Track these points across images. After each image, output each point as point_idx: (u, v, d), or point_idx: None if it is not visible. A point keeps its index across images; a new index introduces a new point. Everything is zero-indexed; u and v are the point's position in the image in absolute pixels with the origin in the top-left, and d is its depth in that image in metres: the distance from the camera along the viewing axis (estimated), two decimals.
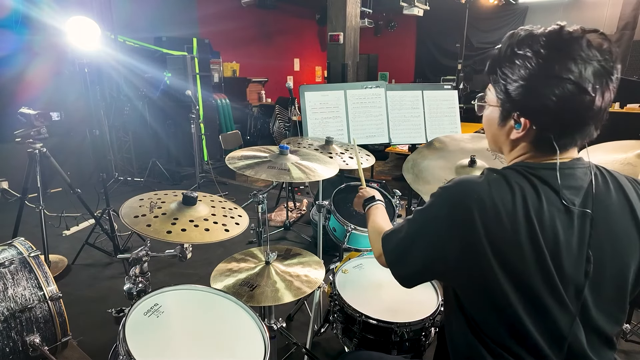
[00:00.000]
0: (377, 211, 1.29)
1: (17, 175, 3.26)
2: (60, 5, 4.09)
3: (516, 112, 0.81)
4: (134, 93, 4.88)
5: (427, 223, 0.86)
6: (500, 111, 0.85)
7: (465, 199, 0.80)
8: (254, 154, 1.56)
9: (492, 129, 0.91)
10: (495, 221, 0.77)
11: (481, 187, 0.80)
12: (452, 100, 2.95)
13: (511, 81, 0.79)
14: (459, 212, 0.79)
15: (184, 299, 1.23)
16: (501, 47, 0.82)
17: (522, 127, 0.81)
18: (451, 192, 0.83)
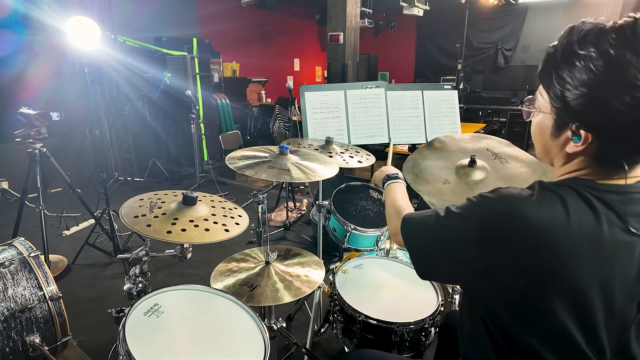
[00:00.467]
0: (397, 188, 1.22)
1: (17, 175, 3.27)
2: (60, 5, 4.09)
3: (575, 124, 0.69)
4: (134, 93, 4.88)
5: (454, 232, 0.76)
6: (554, 120, 0.73)
7: (505, 219, 0.69)
8: (254, 154, 1.56)
9: (543, 139, 0.78)
10: (539, 248, 0.67)
11: (530, 206, 0.68)
12: (452, 100, 2.94)
13: (570, 87, 0.66)
14: (494, 232, 0.70)
15: (184, 299, 1.23)
16: (558, 44, 0.69)
17: (582, 141, 0.69)
18: (490, 207, 0.72)
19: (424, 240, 0.84)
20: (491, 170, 1.58)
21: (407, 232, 0.88)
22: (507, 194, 0.73)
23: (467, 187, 1.50)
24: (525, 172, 1.58)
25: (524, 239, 0.68)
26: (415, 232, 0.87)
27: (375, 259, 1.75)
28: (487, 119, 7.72)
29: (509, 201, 0.71)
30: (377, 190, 2.17)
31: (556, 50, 0.69)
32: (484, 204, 0.74)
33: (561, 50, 0.68)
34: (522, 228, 0.67)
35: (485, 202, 0.74)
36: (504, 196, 0.72)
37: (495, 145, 1.72)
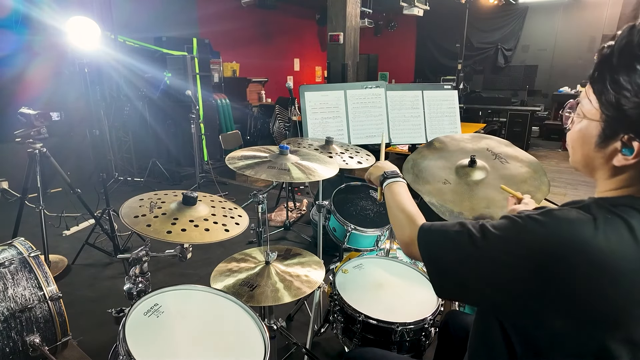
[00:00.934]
0: (401, 189, 1.07)
1: (17, 175, 3.27)
2: (60, 5, 4.09)
3: (628, 134, 0.62)
4: (134, 93, 4.88)
5: (496, 259, 0.67)
6: (602, 128, 0.66)
7: (566, 250, 0.61)
8: (254, 154, 1.56)
9: (585, 149, 0.71)
10: (604, 283, 0.60)
11: (596, 235, 0.61)
12: (452, 100, 2.94)
13: (628, 94, 0.60)
14: (551, 264, 0.62)
15: (184, 299, 1.23)
16: (615, 45, 0.62)
17: (635, 154, 0.62)
18: (546, 234, 0.63)
19: (452, 261, 0.73)
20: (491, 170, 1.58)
21: (428, 245, 0.80)
22: (566, 218, 0.63)
23: (467, 187, 1.50)
24: (525, 172, 1.58)
25: (588, 273, 0.60)
26: (441, 248, 0.77)
27: (375, 259, 1.75)
28: (487, 119, 7.72)
29: (570, 228, 0.62)
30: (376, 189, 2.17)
31: (613, 52, 0.62)
32: (537, 229, 0.64)
33: (619, 52, 0.61)
34: (588, 260, 0.60)
35: (538, 227, 0.64)
36: (562, 221, 0.63)
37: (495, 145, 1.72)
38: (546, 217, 0.65)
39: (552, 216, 0.65)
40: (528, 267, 0.63)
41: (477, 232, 0.70)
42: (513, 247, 0.65)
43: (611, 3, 7.73)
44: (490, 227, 0.70)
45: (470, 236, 0.70)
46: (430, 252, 0.79)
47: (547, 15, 8.59)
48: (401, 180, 1.12)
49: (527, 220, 0.66)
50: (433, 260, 0.78)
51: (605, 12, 7.86)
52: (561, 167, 6.28)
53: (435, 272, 0.77)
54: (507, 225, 0.68)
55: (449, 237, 0.75)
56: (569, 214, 0.64)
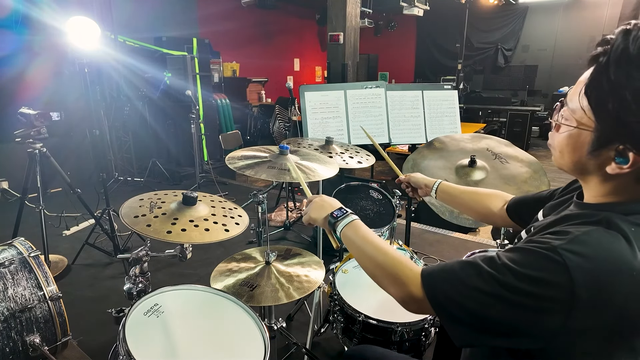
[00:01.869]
0: (365, 230, 0.89)
1: (17, 175, 3.26)
2: (60, 5, 4.09)
3: (624, 145, 0.61)
4: (134, 93, 4.88)
5: (529, 301, 0.61)
6: (595, 137, 0.64)
7: (611, 280, 0.58)
8: (254, 154, 1.56)
9: (576, 155, 0.69)
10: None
11: (633, 255, 0.59)
12: (452, 100, 2.95)
13: (628, 105, 0.57)
14: (603, 298, 0.58)
15: (184, 299, 1.23)
16: (611, 51, 0.59)
17: (630, 164, 0.61)
18: (592, 269, 0.58)
19: (479, 310, 0.64)
20: (491, 170, 1.59)
21: (439, 296, 0.69)
22: (598, 244, 0.60)
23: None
24: (525, 172, 1.58)
25: (629, 296, 0.58)
26: (462, 297, 0.66)
27: None
28: (487, 119, 7.73)
29: (608, 257, 0.59)
30: (377, 190, 2.16)
31: (609, 60, 0.59)
32: (576, 265, 0.58)
33: (616, 59, 0.58)
34: (634, 282, 0.58)
35: (580, 261, 0.59)
36: (597, 252, 0.59)
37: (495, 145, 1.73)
38: (582, 247, 0.60)
39: (586, 244, 0.60)
40: (567, 305, 0.59)
41: (500, 275, 0.63)
42: (548, 287, 0.60)
43: (611, 3, 7.73)
44: (519, 268, 0.62)
45: (494, 278, 0.63)
46: (445, 303, 0.69)
47: (547, 15, 8.60)
48: (356, 219, 0.91)
49: (566, 256, 0.59)
50: (452, 312, 0.68)
51: (605, 12, 7.86)
52: None
53: (456, 325, 0.68)
54: (538, 261, 0.61)
55: (470, 282, 0.66)
56: (603, 239, 0.61)
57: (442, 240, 3.31)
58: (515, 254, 0.64)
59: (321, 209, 0.96)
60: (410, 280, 0.73)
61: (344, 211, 0.93)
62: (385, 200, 2.13)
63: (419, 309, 0.74)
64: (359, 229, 0.88)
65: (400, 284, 0.75)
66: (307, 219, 1.00)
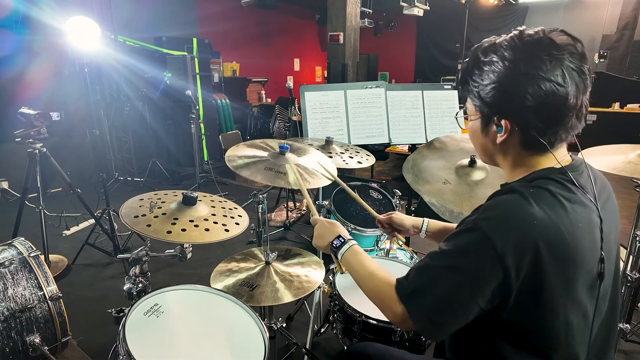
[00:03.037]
0: (360, 256, 1.01)
1: (17, 175, 3.26)
2: (60, 5, 4.09)
3: (495, 116, 0.82)
4: (134, 93, 4.88)
5: (478, 271, 0.75)
6: (480, 119, 0.86)
7: (526, 233, 0.73)
8: (254, 153, 1.56)
9: (478, 140, 0.91)
10: (559, 245, 0.74)
11: (536, 211, 0.74)
12: (452, 100, 2.95)
13: (483, 87, 0.81)
14: (524, 253, 0.72)
15: (184, 299, 1.23)
16: (468, 60, 0.85)
17: (504, 130, 0.81)
18: (504, 229, 0.74)
19: (441, 296, 0.79)
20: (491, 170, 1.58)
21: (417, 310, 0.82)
22: (505, 207, 0.77)
23: (467, 187, 1.50)
24: None
25: (545, 247, 0.73)
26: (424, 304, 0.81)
27: (375, 259, 1.74)
28: None
29: (515, 214, 0.75)
30: (377, 190, 2.16)
31: (467, 64, 0.84)
32: (491, 229, 0.74)
33: (471, 62, 0.83)
34: (541, 236, 0.72)
35: (495, 228, 0.75)
36: (506, 214, 0.76)
37: None
38: (489, 214, 0.77)
39: (496, 212, 0.77)
40: (505, 264, 0.73)
41: (439, 260, 0.80)
42: (481, 257, 0.74)
43: (611, 3, 7.73)
44: (450, 248, 0.79)
45: (439, 267, 0.80)
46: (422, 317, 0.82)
47: (547, 15, 8.59)
48: (353, 243, 1.04)
49: (477, 224, 0.76)
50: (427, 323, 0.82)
51: (605, 12, 7.86)
52: None
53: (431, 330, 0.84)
54: (463, 237, 0.78)
55: (422, 287, 0.82)
56: (508, 202, 0.77)
57: None
58: (449, 239, 0.81)
59: (323, 238, 1.09)
60: (393, 304, 0.87)
61: (342, 240, 1.05)
62: (385, 200, 2.13)
63: (408, 329, 0.94)
64: (355, 256, 1.01)
65: (387, 306, 0.91)
66: (315, 242, 1.12)
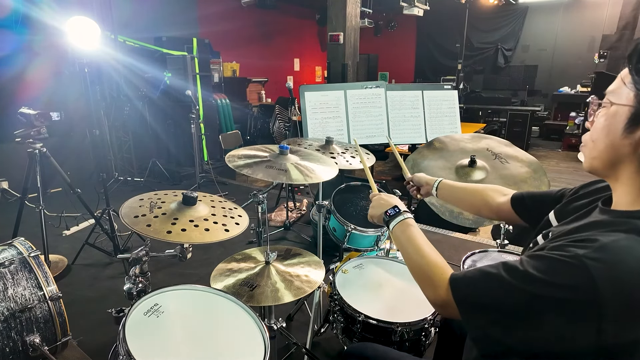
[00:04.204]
0: (413, 230, 0.93)
1: (17, 175, 3.26)
2: (60, 5, 4.09)
3: None
4: (134, 93, 4.88)
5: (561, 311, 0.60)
6: (633, 111, 0.63)
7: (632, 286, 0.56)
8: (254, 153, 1.56)
9: (611, 138, 0.67)
10: None
11: None
12: (452, 100, 2.95)
13: None
14: (632, 307, 0.57)
15: (184, 299, 1.23)
16: None
17: None
18: (613, 278, 0.57)
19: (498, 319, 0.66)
20: (491, 170, 1.59)
21: (464, 303, 0.72)
22: (634, 257, 0.58)
23: None
24: (525, 172, 1.58)
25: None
26: (487, 301, 0.69)
27: (375, 259, 1.75)
28: (487, 119, 7.73)
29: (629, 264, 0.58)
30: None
31: None
32: (601, 273, 0.58)
33: None
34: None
35: (601, 270, 0.58)
36: (630, 260, 0.58)
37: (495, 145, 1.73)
38: (609, 255, 0.59)
39: (615, 253, 0.59)
40: (601, 315, 0.58)
41: (524, 283, 0.63)
42: (581, 296, 0.59)
43: (611, 3, 7.73)
44: (542, 276, 0.62)
45: (517, 289, 0.64)
46: (472, 312, 0.71)
47: (547, 15, 8.59)
48: (408, 218, 0.98)
49: (589, 263, 0.58)
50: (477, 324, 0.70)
51: (605, 12, 7.86)
52: (561, 167, 6.29)
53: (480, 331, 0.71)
54: (568, 271, 0.60)
55: (491, 295, 0.68)
56: (632, 247, 0.59)
57: (442, 240, 3.30)
58: (538, 262, 0.64)
59: (379, 206, 1.05)
60: (442, 285, 0.77)
61: (397, 210, 1.00)
62: None
63: (447, 312, 0.77)
64: (407, 229, 0.94)
65: (434, 286, 0.79)
66: (369, 215, 1.11)
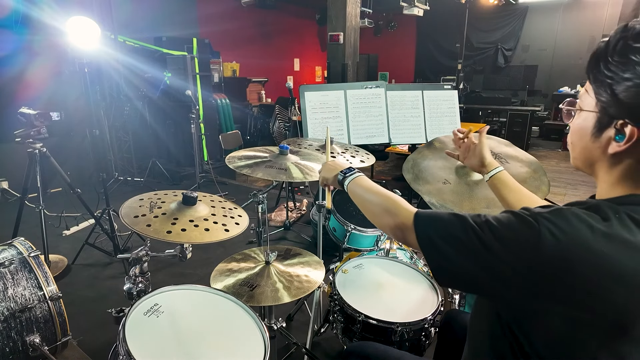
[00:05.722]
0: (368, 181, 1.03)
1: (17, 175, 3.27)
2: (60, 5, 4.09)
3: (621, 120, 0.66)
4: (134, 93, 4.88)
5: (507, 262, 0.66)
6: (597, 118, 0.70)
7: (576, 254, 0.62)
8: (255, 154, 1.56)
9: (583, 142, 0.74)
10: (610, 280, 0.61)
11: (603, 238, 0.62)
12: (452, 100, 2.94)
13: (619, 79, 0.64)
14: (561, 268, 0.62)
15: (184, 299, 1.23)
16: (610, 40, 0.68)
17: (626, 139, 0.66)
18: (566, 242, 0.63)
19: (457, 255, 0.71)
20: None
21: (429, 234, 0.77)
22: (582, 222, 0.64)
23: (467, 187, 1.50)
24: (525, 172, 1.58)
25: (593, 274, 0.62)
26: (444, 240, 0.73)
27: (375, 259, 1.75)
28: (487, 119, 7.72)
29: (586, 233, 0.63)
30: None
31: (608, 44, 0.67)
32: (555, 235, 0.63)
33: (614, 43, 0.66)
34: (595, 264, 0.62)
35: (557, 232, 0.63)
36: (578, 226, 0.63)
37: (495, 145, 1.72)
38: (561, 221, 0.64)
39: (567, 220, 0.64)
40: (538, 271, 0.64)
41: (483, 231, 0.69)
42: (528, 254, 0.64)
43: (611, 3, 7.73)
44: (499, 227, 0.68)
45: (476, 234, 0.69)
46: (431, 241, 0.75)
47: (547, 15, 8.59)
48: (361, 175, 1.07)
49: (543, 223, 0.64)
50: (435, 250, 0.75)
51: (605, 12, 7.86)
52: (561, 167, 6.29)
53: (437, 262, 0.75)
54: (521, 228, 0.66)
55: (452, 231, 0.73)
56: (582, 217, 0.64)
57: None
58: (503, 215, 0.70)
59: (334, 169, 1.13)
60: (403, 212, 0.84)
61: (352, 169, 1.08)
62: None
63: (405, 239, 0.83)
64: (363, 181, 1.03)
65: (394, 214, 0.86)
66: (321, 181, 1.18)
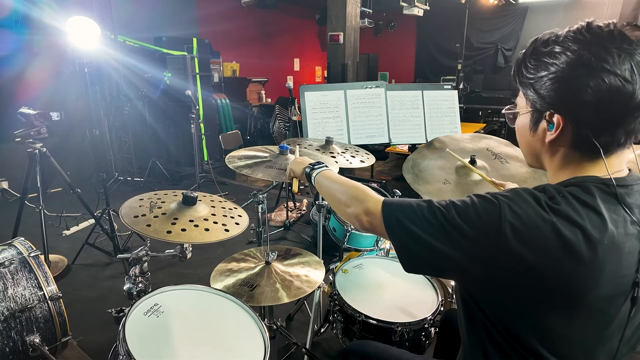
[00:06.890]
0: (333, 173, 1.07)
1: (17, 175, 3.26)
2: (60, 5, 4.09)
3: (548, 111, 0.75)
4: (134, 93, 4.88)
5: (473, 239, 0.72)
6: (531, 114, 0.80)
7: (533, 226, 0.69)
8: (255, 154, 1.56)
9: (525, 138, 0.84)
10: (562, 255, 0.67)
11: (550, 216, 0.69)
12: (452, 100, 2.95)
13: (538, 79, 0.74)
14: (525, 241, 0.69)
15: (184, 299, 1.23)
16: (526, 50, 0.78)
17: (555, 127, 0.75)
18: (515, 213, 0.70)
19: (424, 237, 0.75)
20: (491, 170, 1.59)
21: (396, 219, 0.80)
22: (523, 201, 0.71)
23: (467, 187, 1.50)
24: (525, 172, 1.58)
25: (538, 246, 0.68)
26: (411, 222, 0.77)
27: (375, 259, 1.75)
28: (487, 119, 7.71)
29: (534, 207, 0.70)
30: (377, 190, 2.16)
31: (525, 53, 0.78)
32: (506, 207, 0.71)
33: (529, 52, 0.77)
34: (543, 235, 0.68)
35: (507, 205, 0.71)
36: (528, 203, 0.71)
37: (495, 145, 1.73)
38: (517, 197, 0.72)
39: (522, 197, 0.72)
40: (500, 244, 0.69)
41: (449, 211, 0.75)
42: (491, 229, 0.71)
43: (611, 3, 7.73)
44: (463, 207, 0.74)
45: (442, 213, 0.75)
46: (398, 221, 0.79)
47: (547, 15, 8.58)
48: (328, 168, 1.10)
49: (502, 200, 0.72)
50: (402, 230, 0.78)
51: (605, 12, 7.86)
52: None
53: (403, 242, 0.79)
54: (484, 205, 0.73)
55: (419, 211, 0.77)
56: (534, 194, 0.73)
57: None
58: (467, 197, 0.76)
59: (302, 162, 1.17)
60: (371, 199, 0.87)
61: (320, 163, 1.12)
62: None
63: (371, 225, 0.85)
64: (332, 174, 1.06)
65: (361, 200, 0.89)
66: (289, 173, 1.22)
